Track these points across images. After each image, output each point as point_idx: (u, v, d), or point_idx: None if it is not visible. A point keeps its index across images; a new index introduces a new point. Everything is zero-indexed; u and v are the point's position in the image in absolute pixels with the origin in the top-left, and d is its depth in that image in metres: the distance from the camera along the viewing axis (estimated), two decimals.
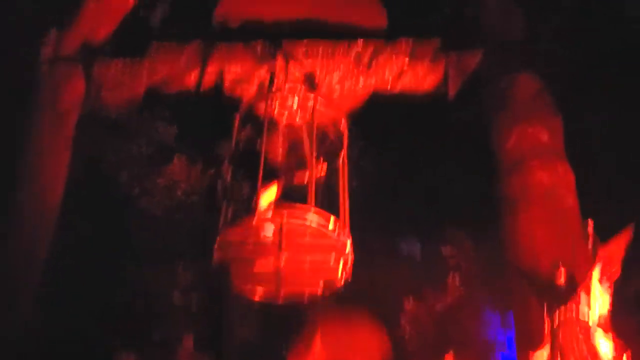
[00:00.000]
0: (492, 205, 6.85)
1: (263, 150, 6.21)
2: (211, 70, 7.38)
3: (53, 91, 7.05)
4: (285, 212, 5.87)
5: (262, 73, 7.34)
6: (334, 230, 5.95)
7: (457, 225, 9.84)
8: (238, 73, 7.36)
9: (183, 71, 7.36)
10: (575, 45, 8.02)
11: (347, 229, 6.19)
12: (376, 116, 8.34)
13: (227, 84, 7.38)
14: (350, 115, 7.54)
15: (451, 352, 7.33)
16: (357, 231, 6.56)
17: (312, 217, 5.83)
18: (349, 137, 7.17)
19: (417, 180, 10.09)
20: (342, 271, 6.25)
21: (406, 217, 10.28)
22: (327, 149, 7.25)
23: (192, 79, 7.39)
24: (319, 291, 6.45)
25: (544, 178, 6.51)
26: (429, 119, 8.79)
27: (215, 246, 6.15)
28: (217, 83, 7.39)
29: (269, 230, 6.15)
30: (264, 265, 6.28)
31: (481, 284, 9.38)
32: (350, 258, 6.19)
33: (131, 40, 7.59)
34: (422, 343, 9.43)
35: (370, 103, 7.73)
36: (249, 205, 6.10)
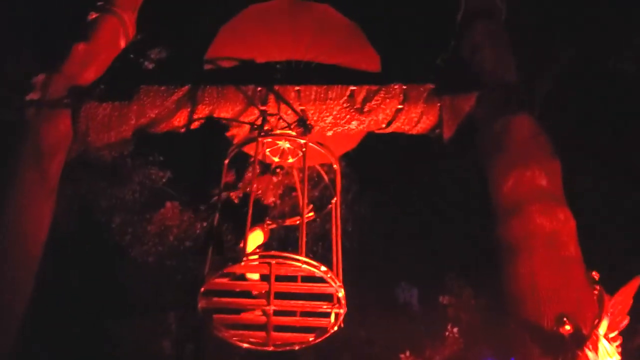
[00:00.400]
0: (490, 243, 6.62)
1: (253, 193, 6.00)
2: (201, 114, 7.25)
3: (38, 134, 6.87)
4: (274, 260, 5.61)
5: (253, 116, 7.21)
6: (325, 275, 5.68)
7: (455, 267, 9.63)
8: (228, 116, 7.23)
9: (172, 115, 7.21)
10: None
11: (340, 276, 5.92)
12: (371, 155, 8.25)
13: (217, 127, 7.25)
14: (344, 156, 7.38)
15: None
16: (353, 278, 6.31)
17: (302, 265, 5.56)
18: (345, 177, 6.99)
19: (413, 219, 9.91)
20: (334, 319, 5.96)
21: (403, 263, 10.07)
22: (322, 192, 7.06)
23: (180, 122, 7.25)
24: (310, 339, 6.13)
25: (545, 224, 6.25)
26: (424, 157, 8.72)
27: (200, 293, 5.86)
28: (207, 126, 7.24)
29: (255, 275, 5.93)
30: (252, 314, 6.00)
31: (481, 334, 9.07)
32: (343, 306, 5.89)
33: (121, 83, 7.48)
34: None
35: (364, 142, 7.63)
36: (236, 250, 5.85)
